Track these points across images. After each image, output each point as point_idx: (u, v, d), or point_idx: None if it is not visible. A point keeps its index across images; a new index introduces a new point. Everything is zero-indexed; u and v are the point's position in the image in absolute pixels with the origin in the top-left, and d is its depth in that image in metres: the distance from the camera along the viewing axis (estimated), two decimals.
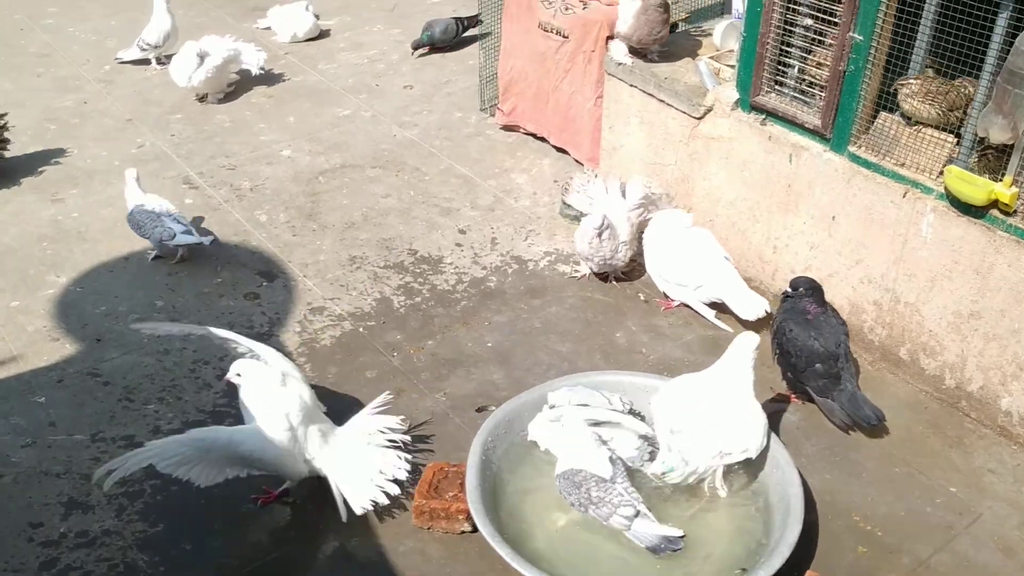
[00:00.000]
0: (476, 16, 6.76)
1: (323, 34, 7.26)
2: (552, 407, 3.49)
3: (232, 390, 3.60)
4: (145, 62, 6.79)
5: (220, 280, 4.71)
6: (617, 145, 5.07)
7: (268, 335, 4.34)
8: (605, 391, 3.61)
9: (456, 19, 6.92)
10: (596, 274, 4.67)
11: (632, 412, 3.57)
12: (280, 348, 4.17)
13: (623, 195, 4.71)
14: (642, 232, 4.65)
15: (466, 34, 6.92)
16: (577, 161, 5.60)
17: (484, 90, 6.13)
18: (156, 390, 4.05)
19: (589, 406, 3.44)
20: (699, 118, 4.54)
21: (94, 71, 6.75)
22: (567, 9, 5.32)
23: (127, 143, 5.86)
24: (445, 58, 6.90)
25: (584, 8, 5.28)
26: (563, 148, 5.69)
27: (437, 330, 4.40)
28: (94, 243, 4.97)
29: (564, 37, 5.34)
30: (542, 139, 5.80)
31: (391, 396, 3.73)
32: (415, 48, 6.89)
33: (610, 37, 5.16)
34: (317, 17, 7.24)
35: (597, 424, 3.42)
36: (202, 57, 6.14)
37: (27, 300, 4.55)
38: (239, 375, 3.42)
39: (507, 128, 5.96)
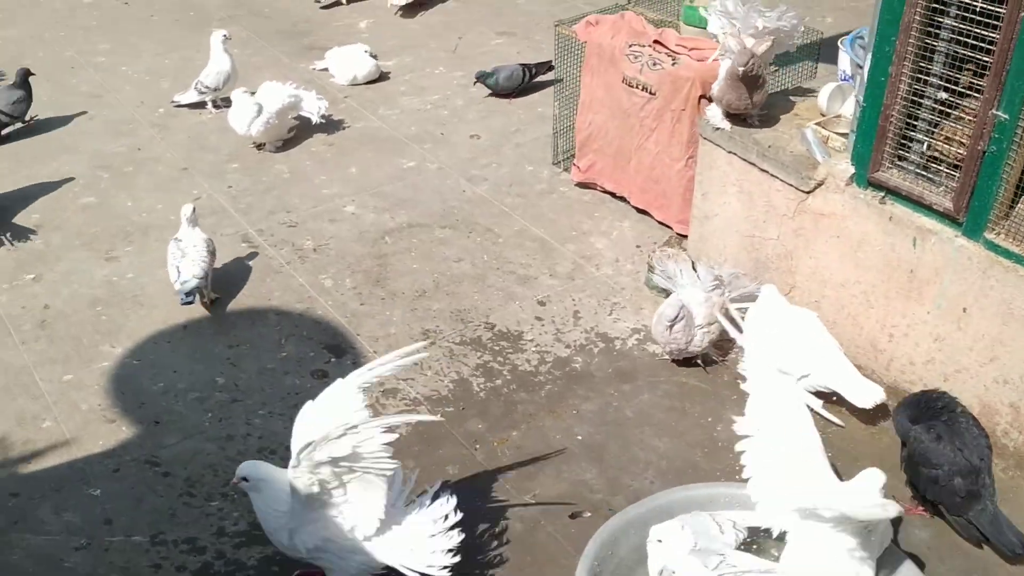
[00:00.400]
0: (547, 63, 6.47)
1: (383, 76, 6.97)
2: (659, 541, 3.09)
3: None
4: (201, 105, 6.51)
5: (285, 354, 4.40)
6: (710, 213, 4.71)
7: None
8: (718, 511, 3.24)
9: (523, 66, 6.59)
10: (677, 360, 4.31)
11: (747, 542, 3.20)
12: None
13: (698, 276, 4.37)
14: (726, 312, 4.32)
15: (534, 80, 6.60)
16: (660, 223, 5.25)
17: (557, 143, 5.80)
18: (219, 484, 3.73)
19: (703, 550, 3.03)
20: (808, 192, 4.18)
21: (148, 114, 6.48)
22: (655, 64, 4.98)
23: (183, 195, 5.56)
24: (512, 104, 6.58)
25: (673, 64, 4.94)
26: (645, 210, 5.34)
27: (521, 419, 4.05)
28: (150, 308, 4.66)
29: (651, 94, 5.00)
30: (621, 199, 5.45)
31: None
32: (477, 80, 6.57)
33: (703, 96, 4.82)
34: (376, 58, 6.94)
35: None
36: (261, 105, 5.85)
37: (81, 373, 4.25)
38: (245, 479, 3.15)
39: (582, 185, 5.62)
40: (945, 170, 3.74)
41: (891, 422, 3.81)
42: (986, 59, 3.42)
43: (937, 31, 3.59)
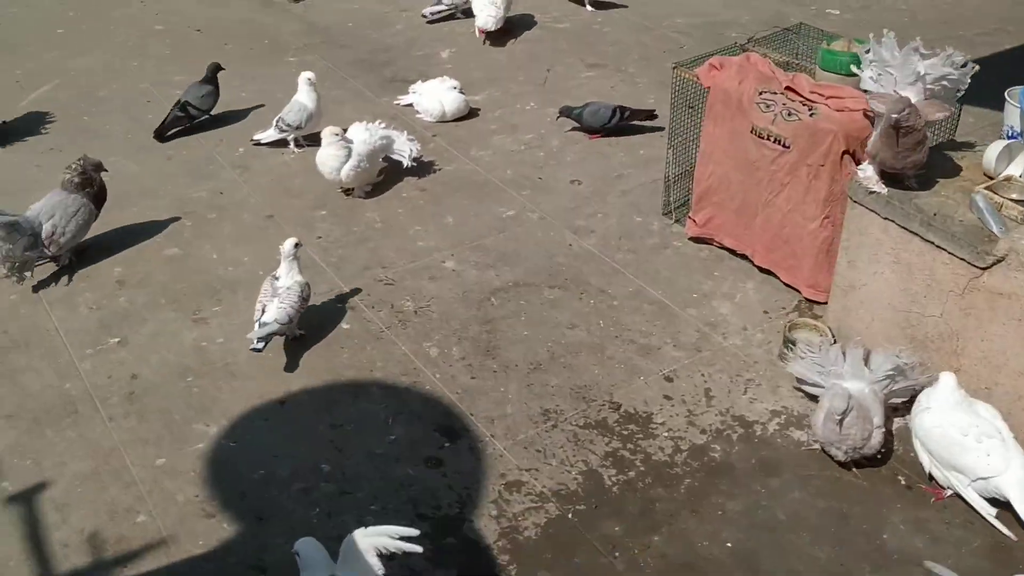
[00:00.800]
0: (649, 112, 6.11)
1: (472, 112, 6.59)
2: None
3: None
4: (282, 143, 6.17)
5: (394, 437, 4.02)
6: (857, 284, 4.27)
7: (459, 519, 3.63)
8: None
9: (618, 107, 6.17)
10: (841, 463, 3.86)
11: None
12: (477, 538, 3.47)
13: (867, 366, 3.92)
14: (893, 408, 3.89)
15: (626, 122, 6.19)
16: (787, 286, 4.82)
17: (669, 192, 5.38)
18: None
19: None
20: (984, 268, 3.73)
21: (228, 152, 6.16)
22: (790, 115, 4.55)
23: (270, 246, 5.19)
24: (611, 146, 6.17)
25: (811, 114, 4.50)
26: (771, 270, 4.91)
27: (662, 520, 3.64)
28: (244, 380, 4.31)
29: (784, 147, 4.57)
30: (743, 256, 5.02)
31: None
32: (561, 114, 6.18)
33: (846, 152, 4.39)
34: (464, 93, 6.56)
35: None
36: (351, 147, 5.49)
37: (174, 457, 3.91)
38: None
39: (697, 240, 5.20)
40: None
41: None
42: None
43: None
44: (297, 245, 4.52)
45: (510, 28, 7.77)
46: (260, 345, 4.28)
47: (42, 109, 6.64)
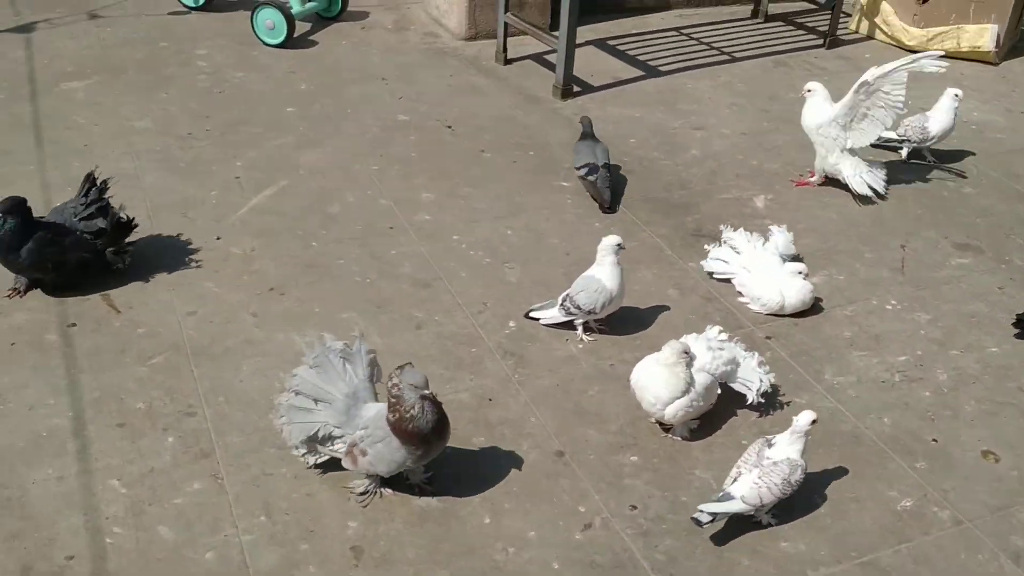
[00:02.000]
0: None
1: (815, 307, 4.86)
2: None
3: None
4: (568, 325, 4.59)
5: None
6: None
7: None
8: None
9: None
10: None
11: None
12: None
13: None
14: None
15: None
16: None
17: None
18: None
19: None
20: None
21: (494, 328, 4.63)
22: None
23: (567, 512, 3.61)
24: None
25: None
26: None
27: None
28: None
29: None
30: None
31: None
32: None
33: None
34: (805, 276, 4.84)
35: None
36: (692, 378, 3.86)
37: None
38: None
39: None
40: None
41: None
42: None
43: None
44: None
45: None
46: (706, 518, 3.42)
47: (259, 224, 5.28)
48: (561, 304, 4.53)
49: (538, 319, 4.63)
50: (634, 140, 6.48)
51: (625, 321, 4.66)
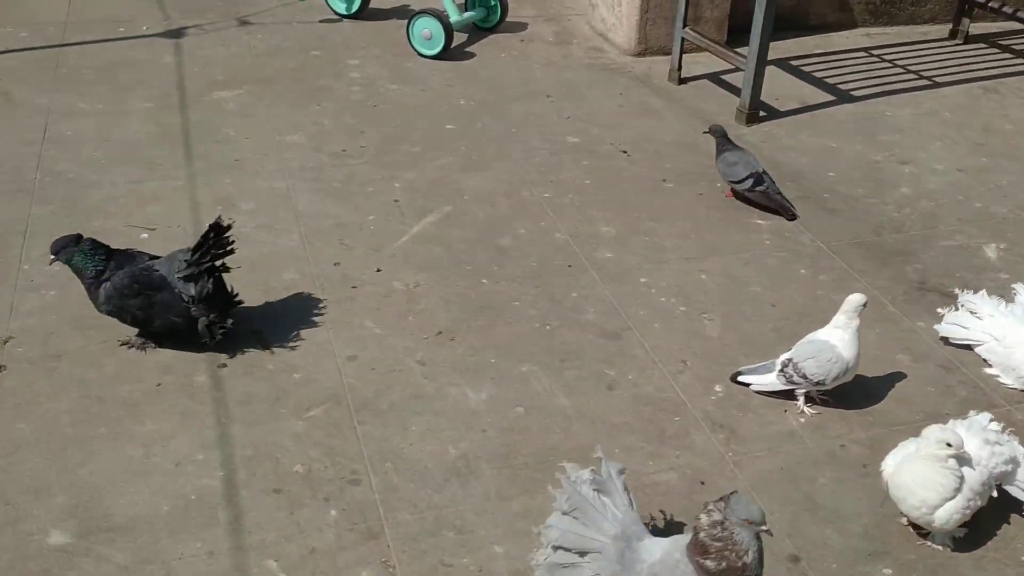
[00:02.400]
0: None
1: None
2: None
3: None
4: (787, 394, 3.89)
5: None
6: None
7: None
8: None
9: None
10: None
11: None
12: None
13: None
14: None
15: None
16: None
17: None
18: None
19: None
20: None
21: (696, 395, 3.96)
22: None
23: None
24: None
25: None
26: None
27: None
28: None
29: None
30: None
31: None
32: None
33: None
34: None
35: None
36: (963, 476, 3.11)
37: None
38: None
39: None
40: None
41: None
42: None
43: None
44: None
45: None
46: None
47: (423, 255, 4.74)
48: (781, 370, 3.83)
49: (748, 384, 3.93)
50: (833, 174, 5.73)
51: (851, 391, 3.93)
